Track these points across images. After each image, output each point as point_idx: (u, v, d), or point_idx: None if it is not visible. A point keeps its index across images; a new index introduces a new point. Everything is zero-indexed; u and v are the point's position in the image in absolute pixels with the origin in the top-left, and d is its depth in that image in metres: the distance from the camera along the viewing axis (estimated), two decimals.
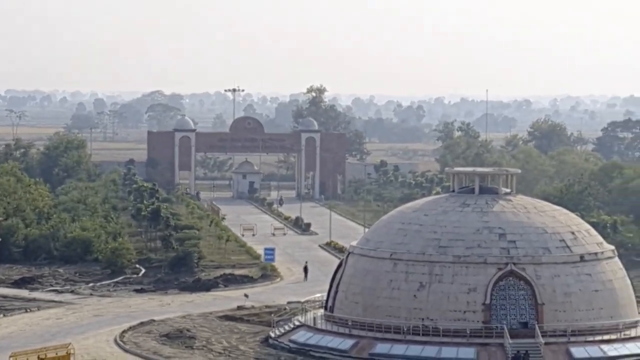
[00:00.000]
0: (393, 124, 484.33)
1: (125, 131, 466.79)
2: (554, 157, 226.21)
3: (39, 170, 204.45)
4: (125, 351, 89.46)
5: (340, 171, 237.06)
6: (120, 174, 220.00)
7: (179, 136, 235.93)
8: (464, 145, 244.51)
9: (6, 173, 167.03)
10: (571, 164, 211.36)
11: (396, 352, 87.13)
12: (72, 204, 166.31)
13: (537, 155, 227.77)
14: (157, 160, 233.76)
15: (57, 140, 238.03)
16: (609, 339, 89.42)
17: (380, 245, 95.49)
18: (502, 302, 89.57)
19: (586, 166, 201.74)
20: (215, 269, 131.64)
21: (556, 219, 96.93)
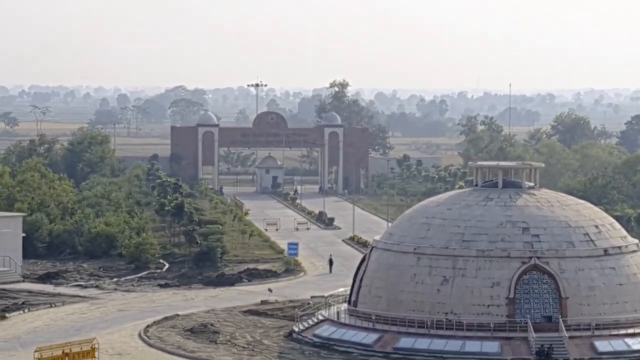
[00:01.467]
0: (416, 118, 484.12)
1: (149, 126, 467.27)
2: (578, 150, 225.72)
3: (63, 166, 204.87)
4: (149, 346, 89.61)
5: (363, 166, 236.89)
6: (143, 169, 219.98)
7: (202, 131, 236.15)
8: (487, 140, 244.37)
9: (30, 169, 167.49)
10: (595, 157, 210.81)
11: (420, 347, 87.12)
12: (96, 200, 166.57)
13: (561, 149, 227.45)
14: (180, 156, 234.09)
15: (81, 136, 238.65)
16: (633, 332, 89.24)
17: (404, 240, 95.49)
18: (526, 296, 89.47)
19: (610, 160, 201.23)
20: (238, 263, 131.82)
21: (580, 212, 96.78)
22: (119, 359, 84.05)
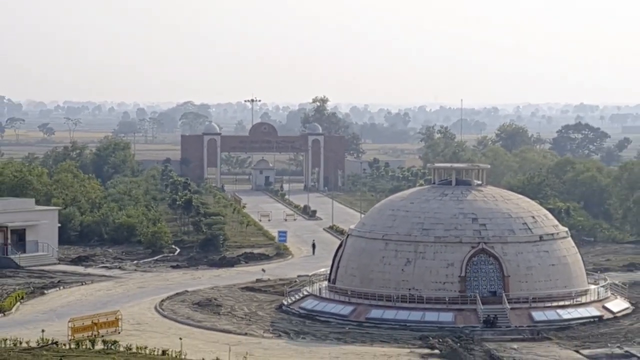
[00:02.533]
0: (384, 128, 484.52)
1: (162, 135, 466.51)
2: (517, 154, 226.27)
3: (92, 168, 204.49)
4: (163, 317, 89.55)
5: (340, 167, 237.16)
6: (158, 170, 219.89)
7: (207, 139, 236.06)
8: (442, 145, 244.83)
9: (64, 170, 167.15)
10: (531, 160, 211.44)
11: (387, 317, 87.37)
12: (119, 196, 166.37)
13: (503, 153, 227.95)
14: (189, 159, 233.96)
15: (106, 143, 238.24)
16: (563, 304, 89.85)
17: (374, 228, 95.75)
18: (475, 275, 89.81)
19: (544, 162, 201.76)
20: (237, 248, 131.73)
21: (519, 205, 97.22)
22: (138, 327, 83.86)
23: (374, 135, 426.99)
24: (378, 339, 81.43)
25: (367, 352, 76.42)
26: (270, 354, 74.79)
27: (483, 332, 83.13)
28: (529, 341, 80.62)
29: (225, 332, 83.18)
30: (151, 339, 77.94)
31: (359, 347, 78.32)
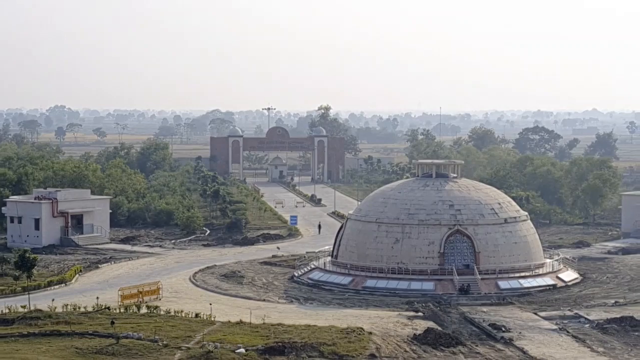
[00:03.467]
0: (376, 131, 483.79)
1: (195, 137, 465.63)
2: (486, 152, 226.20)
3: (137, 164, 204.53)
4: (196, 286, 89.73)
5: (340, 163, 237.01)
6: (191, 166, 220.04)
7: (231, 140, 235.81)
8: (424, 145, 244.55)
9: (115, 166, 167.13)
10: (498, 157, 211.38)
11: (380, 286, 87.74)
12: (159, 187, 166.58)
13: (475, 151, 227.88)
14: (216, 157, 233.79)
15: (149, 144, 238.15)
16: (524, 275, 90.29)
17: (369, 213, 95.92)
18: (452, 251, 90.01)
19: (508, 158, 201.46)
20: (257, 230, 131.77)
21: (488, 194, 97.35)
22: (175, 295, 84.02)
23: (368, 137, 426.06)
24: (372, 304, 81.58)
25: (363, 314, 76.52)
26: (284, 316, 74.87)
27: (458, 298, 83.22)
28: (496, 305, 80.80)
29: (247, 299, 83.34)
30: (186, 305, 78.10)
31: (356, 311, 78.46)
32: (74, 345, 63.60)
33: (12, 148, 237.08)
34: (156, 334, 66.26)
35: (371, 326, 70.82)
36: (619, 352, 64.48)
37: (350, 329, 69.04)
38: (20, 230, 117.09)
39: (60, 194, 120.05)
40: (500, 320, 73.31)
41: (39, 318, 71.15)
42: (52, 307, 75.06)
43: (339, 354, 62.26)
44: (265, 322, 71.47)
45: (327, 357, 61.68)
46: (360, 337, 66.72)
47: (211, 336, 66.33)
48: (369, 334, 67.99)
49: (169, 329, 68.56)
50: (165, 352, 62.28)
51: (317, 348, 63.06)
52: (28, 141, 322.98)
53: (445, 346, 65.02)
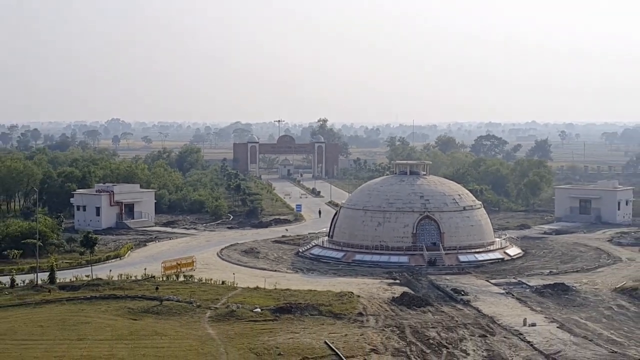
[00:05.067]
0: (363, 138, 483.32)
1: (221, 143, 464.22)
2: (449, 155, 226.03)
3: (176, 164, 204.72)
4: (222, 259, 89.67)
5: (335, 163, 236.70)
6: (219, 166, 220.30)
7: (250, 146, 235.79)
8: (401, 149, 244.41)
9: (158, 166, 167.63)
10: (458, 159, 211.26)
11: (366, 259, 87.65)
12: (193, 182, 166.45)
13: (440, 154, 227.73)
14: (238, 159, 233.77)
15: (185, 149, 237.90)
16: (478, 250, 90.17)
17: (357, 203, 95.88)
18: (422, 232, 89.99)
19: (466, 160, 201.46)
20: (270, 216, 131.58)
21: (450, 187, 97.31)
22: (206, 267, 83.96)
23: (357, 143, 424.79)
24: (360, 274, 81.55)
25: (353, 281, 76.53)
26: (291, 283, 74.90)
27: (427, 269, 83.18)
28: (457, 274, 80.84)
29: (262, 269, 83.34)
30: (214, 274, 78.13)
31: (347, 279, 78.46)
32: (127, 306, 63.72)
33: (78, 152, 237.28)
34: (191, 297, 66.34)
35: (359, 291, 70.88)
36: (552, 310, 64.59)
37: (343, 293, 69.10)
38: (85, 216, 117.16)
39: (116, 187, 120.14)
40: (460, 286, 73.35)
41: (99, 285, 71.32)
42: (110, 276, 75.27)
43: (334, 312, 62.32)
44: (276, 287, 71.54)
45: (325, 315, 61.73)
46: (350, 299, 66.78)
47: (234, 299, 66.41)
48: (358, 296, 68.05)
49: (201, 293, 68.60)
50: (198, 311, 62.37)
51: (317, 308, 63.14)
52: (90, 147, 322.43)
53: (417, 306, 65.07)
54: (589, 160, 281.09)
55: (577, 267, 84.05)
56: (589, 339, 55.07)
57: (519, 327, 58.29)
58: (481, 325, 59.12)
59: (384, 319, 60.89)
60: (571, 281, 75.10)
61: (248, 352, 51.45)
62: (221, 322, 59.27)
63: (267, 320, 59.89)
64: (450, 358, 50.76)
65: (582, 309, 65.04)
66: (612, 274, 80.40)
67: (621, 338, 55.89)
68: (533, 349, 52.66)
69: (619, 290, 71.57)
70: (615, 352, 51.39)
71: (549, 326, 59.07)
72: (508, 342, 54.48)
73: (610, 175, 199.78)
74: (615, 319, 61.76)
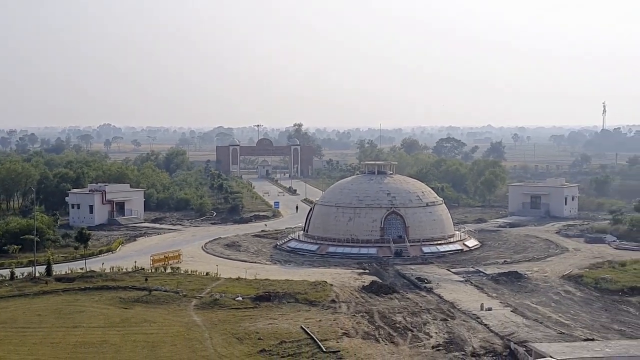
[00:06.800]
0: (335, 141, 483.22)
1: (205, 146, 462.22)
2: (413, 156, 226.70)
3: (163, 165, 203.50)
4: (207, 253, 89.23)
5: (310, 164, 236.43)
6: (203, 167, 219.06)
7: (232, 148, 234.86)
8: (369, 151, 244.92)
9: (148, 167, 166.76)
10: (421, 159, 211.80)
11: (338, 251, 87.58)
12: (180, 182, 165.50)
13: (405, 155, 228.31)
14: (221, 160, 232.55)
15: (172, 151, 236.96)
16: (440, 242, 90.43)
17: (330, 200, 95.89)
18: (389, 226, 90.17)
19: (428, 160, 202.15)
20: (250, 212, 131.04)
21: (415, 185, 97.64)
22: (192, 259, 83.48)
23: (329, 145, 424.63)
24: (333, 264, 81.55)
25: (326, 272, 76.53)
26: (270, 273, 74.75)
27: (394, 260, 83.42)
28: (421, 264, 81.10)
29: (243, 261, 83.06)
30: (199, 266, 77.76)
31: (321, 269, 78.44)
32: (119, 296, 63.31)
33: (72, 155, 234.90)
34: (178, 287, 66.05)
35: (332, 280, 70.91)
36: (507, 296, 65.06)
37: (317, 282, 69.10)
38: (79, 213, 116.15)
39: (107, 187, 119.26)
40: (423, 275, 73.63)
41: (92, 276, 70.78)
42: (102, 268, 74.71)
43: (309, 300, 62.30)
44: (256, 278, 71.36)
45: (301, 302, 61.68)
46: (324, 287, 66.80)
47: (218, 288, 66.19)
48: (331, 285, 68.08)
49: (187, 283, 68.28)
50: (184, 300, 62.07)
51: (294, 296, 63.08)
52: (84, 150, 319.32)
53: (384, 293, 65.24)
54: (539, 160, 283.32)
55: (529, 257, 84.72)
56: (539, 322, 55.56)
57: (476, 312, 58.64)
58: (443, 310, 59.40)
59: (355, 305, 60.98)
60: (523, 269, 75.71)
61: (230, 337, 51.35)
62: (206, 309, 59.06)
63: (247, 307, 59.76)
64: (415, 340, 50.99)
65: (533, 295, 65.59)
66: (560, 262, 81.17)
67: (568, 320, 56.46)
68: (489, 331, 53.03)
69: (566, 277, 72.29)
70: (563, 333, 51.87)
71: (504, 310, 59.50)
72: (467, 325, 54.81)
73: (558, 173, 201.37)
74: (562, 304, 62.36)
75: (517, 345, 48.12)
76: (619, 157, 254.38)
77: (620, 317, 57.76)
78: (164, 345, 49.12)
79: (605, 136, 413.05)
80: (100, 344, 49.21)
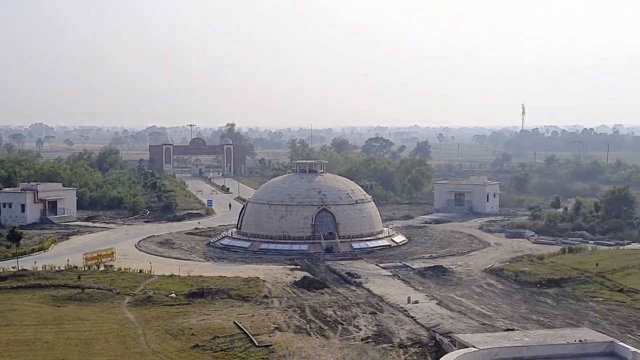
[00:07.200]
0: (267, 140, 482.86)
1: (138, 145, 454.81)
2: (343, 155, 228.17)
3: (96, 165, 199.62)
4: (140, 250, 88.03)
5: (242, 163, 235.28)
6: (136, 166, 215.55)
7: (165, 148, 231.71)
8: (301, 150, 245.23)
9: (80, 166, 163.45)
10: (351, 158, 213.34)
11: (270, 248, 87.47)
12: (113, 180, 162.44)
13: (336, 154, 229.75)
14: (154, 159, 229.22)
15: (105, 150, 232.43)
16: (369, 238, 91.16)
17: (262, 198, 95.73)
18: (320, 223, 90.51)
19: (358, 159, 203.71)
20: (183, 210, 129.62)
21: (344, 183, 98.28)
22: (125, 257, 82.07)
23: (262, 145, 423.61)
24: (265, 261, 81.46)
25: (259, 268, 76.41)
26: (203, 270, 74.18)
27: (325, 256, 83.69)
28: (351, 260, 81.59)
29: (177, 259, 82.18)
30: (133, 264, 76.61)
31: (254, 265, 78.29)
32: (51, 294, 61.94)
33: (3, 154, 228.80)
34: (111, 285, 65.02)
35: (264, 276, 70.86)
36: (432, 289, 66.17)
37: (250, 278, 68.98)
38: (11, 212, 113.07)
39: (39, 186, 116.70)
40: (353, 270, 74.12)
41: (25, 275, 69.06)
42: (35, 267, 72.93)
43: (242, 295, 62.15)
44: (190, 275, 70.74)
45: (234, 298, 61.49)
46: (257, 283, 66.73)
47: (151, 285, 65.40)
48: (263, 281, 68.04)
49: (121, 281, 67.25)
50: (118, 297, 61.13)
51: (227, 292, 62.85)
52: (15, 149, 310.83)
53: (316, 288, 65.54)
54: (463, 159, 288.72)
55: (453, 252, 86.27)
56: (463, 313, 56.72)
57: (404, 305, 59.48)
58: (372, 304, 60.04)
59: (287, 300, 61.10)
60: (448, 264, 77.08)
61: (164, 333, 50.84)
62: (139, 307, 58.29)
63: (181, 304, 59.25)
64: (345, 333, 51.43)
65: (457, 288, 66.90)
66: (483, 256, 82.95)
67: (490, 312, 57.82)
68: (416, 323, 53.88)
69: (488, 271, 73.93)
70: (485, 324, 53.08)
71: (430, 303, 60.52)
72: (395, 318, 55.56)
73: (481, 172, 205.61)
74: (485, 296, 63.81)
75: (442, 336, 49.05)
76: (537, 156, 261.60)
77: (538, 307, 59.47)
78: (97, 342, 48.30)
79: (525, 136, 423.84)
80: (33, 342, 48.07)
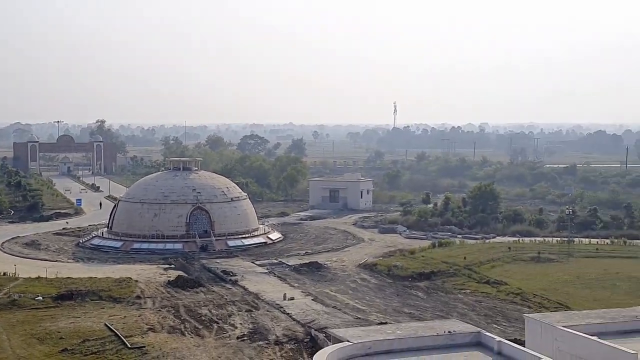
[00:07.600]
0: (140, 137, 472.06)
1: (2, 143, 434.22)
2: (218, 152, 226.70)
3: None
4: (4, 252, 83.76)
5: (113, 161, 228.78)
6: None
7: (30, 145, 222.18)
8: (174, 147, 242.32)
9: None
10: (226, 155, 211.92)
11: (143, 247, 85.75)
12: None
13: (210, 152, 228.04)
14: (19, 157, 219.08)
15: None
16: (245, 236, 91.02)
17: (135, 196, 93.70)
18: (195, 221, 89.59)
19: (233, 156, 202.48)
20: (51, 210, 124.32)
21: (220, 181, 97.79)
22: None
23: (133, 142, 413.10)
24: (138, 261, 79.60)
25: (131, 268, 74.54)
26: (72, 272, 71.49)
27: (200, 254, 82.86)
28: (226, 258, 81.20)
29: (44, 260, 78.81)
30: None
31: (126, 266, 76.30)
32: None
33: None
34: None
35: (137, 276, 69.18)
36: (308, 285, 66.74)
37: (122, 278, 67.14)
38: None
39: None
40: (229, 268, 73.75)
41: None
42: None
43: (113, 296, 60.35)
44: (58, 276, 68.02)
45: (105, 299, 59.63)
46: (129, 284, 65.04)
47: (16, 288, 62.33)
48: (136, 281, 66.42)
49: None
50: None
51: (97, 293, 60.88)
52: None
53: (190, 287, 64.64)
54: (337, 156, 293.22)
55: (328, 248, 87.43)
56: (338, 309, 57.51)
57: (279, 302, 59.62)
58: (247, 302, 59.82)
59: (161, 300, 59.88)
60: (323, 260, 78.02)
61: (30, 337, 48.53)
62: (3, 311, 55.39)
63: (48, 307, 56.83)
64: (221, 332, 50.93)
65: (333, 283, 67.79)
66: (357, 252, 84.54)
67: (364, 306, 58.92)
68: (292, 320, 54.11)
69: (362, 266, 75.41)
70: (359, 318, 54.03)
71: (305, 299, 60.98)
72: (270, 315, 55.57)
73: (355, 168, 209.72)
74: (359, 291, 64.98)
75: (317, 331, 49.49)
76: (409, 154, 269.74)
77: (410, 300, 61.16)
78: None
79: (396, 134, 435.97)
80: None
